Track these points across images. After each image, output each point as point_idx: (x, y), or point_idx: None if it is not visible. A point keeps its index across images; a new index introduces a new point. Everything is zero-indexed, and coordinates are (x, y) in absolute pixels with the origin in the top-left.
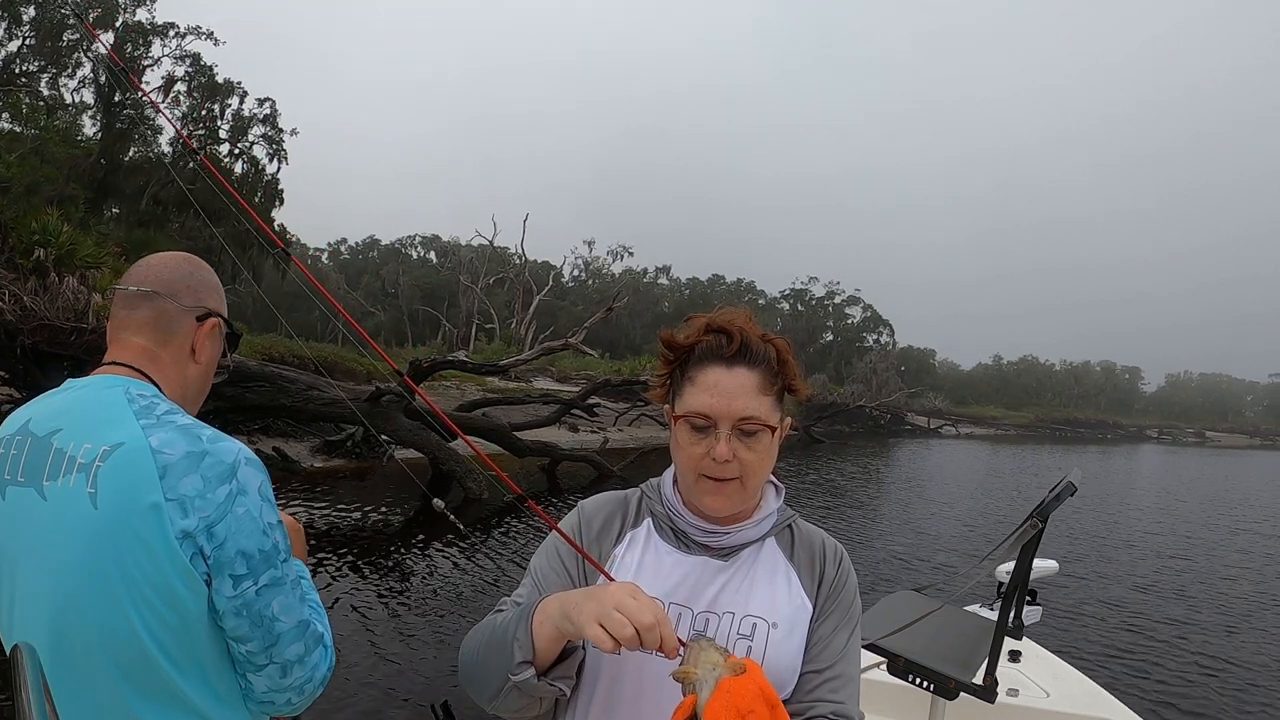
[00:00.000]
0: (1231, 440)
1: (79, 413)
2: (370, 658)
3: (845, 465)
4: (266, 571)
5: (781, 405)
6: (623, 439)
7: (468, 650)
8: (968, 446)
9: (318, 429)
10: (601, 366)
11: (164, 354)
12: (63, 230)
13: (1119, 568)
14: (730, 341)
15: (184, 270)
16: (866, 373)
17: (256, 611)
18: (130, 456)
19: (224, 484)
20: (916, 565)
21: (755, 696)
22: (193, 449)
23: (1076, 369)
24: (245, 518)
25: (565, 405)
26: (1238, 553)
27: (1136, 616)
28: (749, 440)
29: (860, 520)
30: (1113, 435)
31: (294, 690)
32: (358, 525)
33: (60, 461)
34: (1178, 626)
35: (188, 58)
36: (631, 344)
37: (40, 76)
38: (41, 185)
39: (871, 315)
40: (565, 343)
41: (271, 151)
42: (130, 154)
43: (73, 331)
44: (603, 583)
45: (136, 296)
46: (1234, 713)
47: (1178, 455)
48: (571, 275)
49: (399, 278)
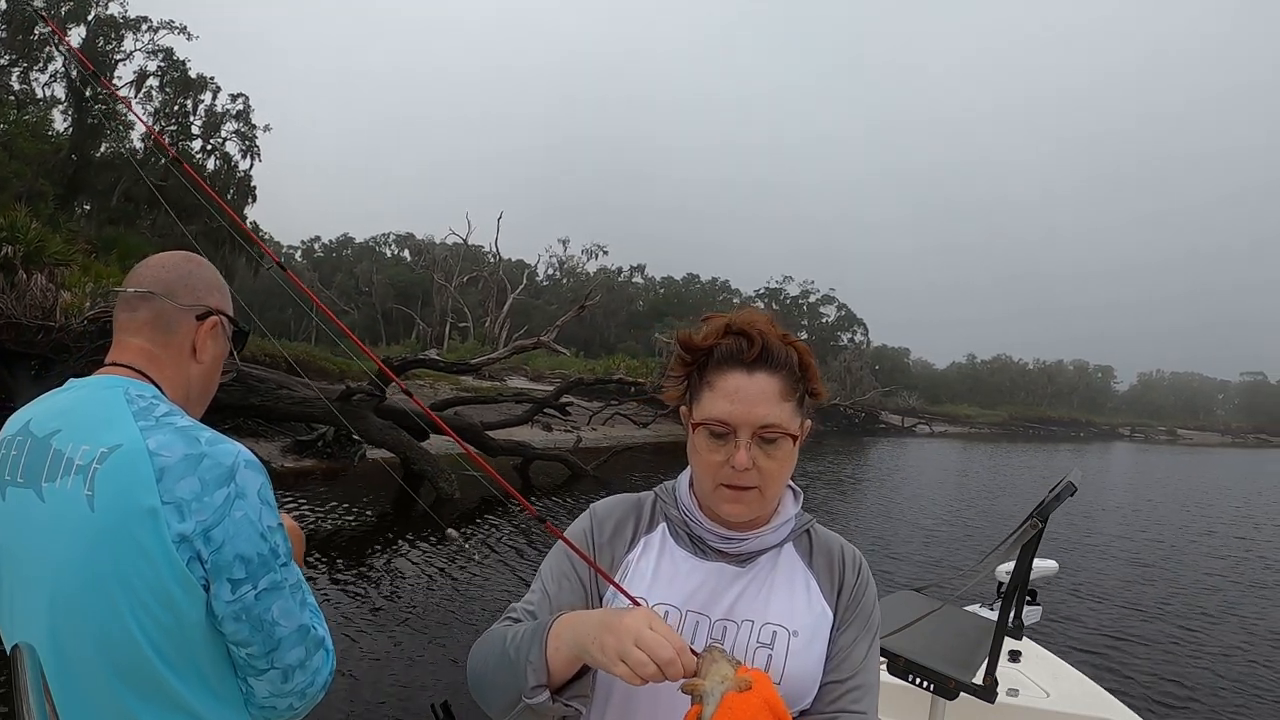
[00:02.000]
0: (1204, 438)
1: (78, 414)
2: (365, 659)
3: (813, 465)
4: (265, 576)
5: (802, 410)
6: (596, 438)
7: (477, 662)
8: (942, 445)
9: (288, 429)
10: (575, 365)
11: (164, 354)
12: (31, 227)
13: (1119, 567)
14: (751, 345)
15: (183, 269)
16: (841, 371)
17: (256, 616)
18: (127, 459)
19: (222, 487)
20: (900, 560)
21: (759, 712)
22: (190, 451)
23: (1050, 368)
24: (243, 521)
25: (538, 404)
26: (1236, 551)
27: (1137, 616)
28: (769, 448)
29: (846, 515)
30: (1085, 433)
31: (295, 695)
32: (336, 526)
33: (59, 463)
34: (1178, 626)
35: (160, 52)
36: (606, 343)
37: (11, 71)
38: (10, 181)
39: (846, 314)
40: (537, 341)
41: (244, 148)
42: (102, 150)
43: (40, 330)
44: (611, 596)
45: (135, 298)
46: (1234, 712)
47: (1152, 453)
48: (546, 274)
49: (373, 276)
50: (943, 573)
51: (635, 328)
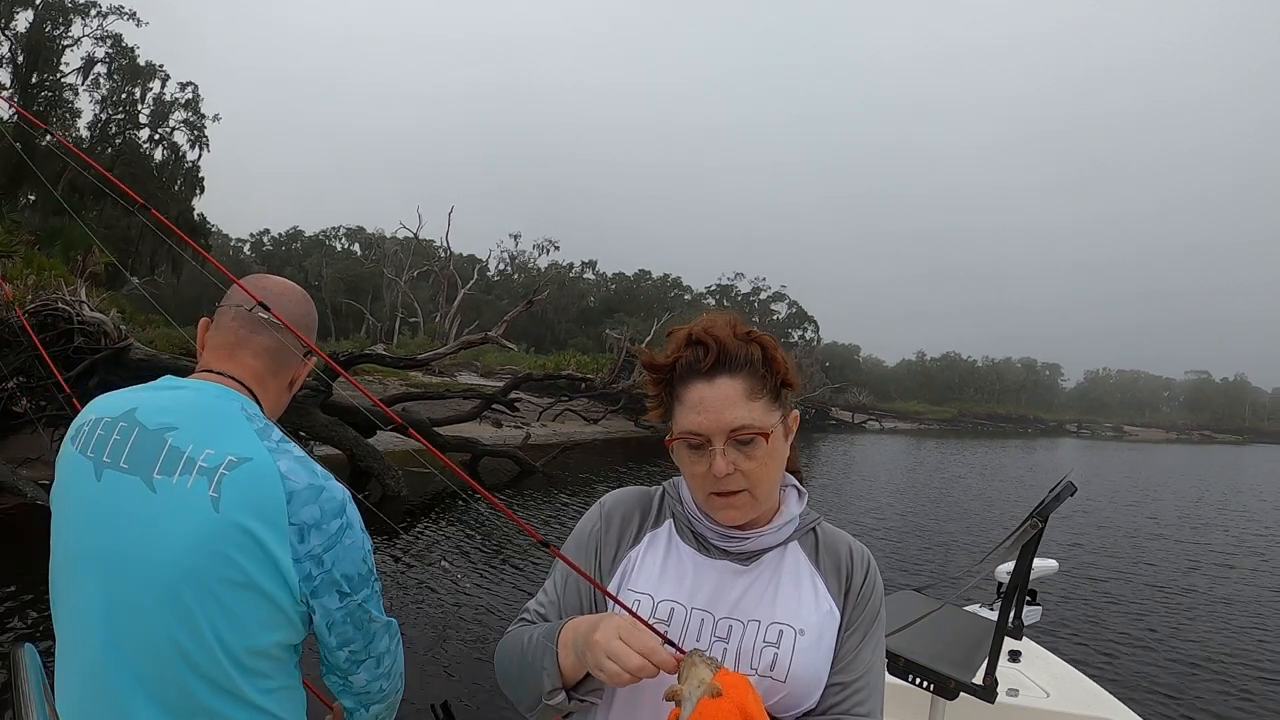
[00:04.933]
0: (1149, 434)
1: (195, 416)
2: None
3: None
4: (365, 589)
5: (779, 403)
6: (546, 434)
7: (502, 664)
8: (893, 441)
9: None
10: (526, 361)
11: (272, 381)
12: None
13: (1119, 566)
14: (706, 353)
15: (305, 309)
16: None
17: (359, 619)
18: (260, 474)
19: (337, 518)
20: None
21: (730, 717)
22: (314, 482)
23: (998, 365)
24: (352, 548)
25: (486, 400)
26: (1236, 552)
27: (1135, 615)
28: (747, 449)
29: None
30: (1033, 429)
31: (384, 676)
32: None
33: (176, 460)
34: (1178, 626)
35: (109, 39)
36: (557, 339)
37: None
38: None
39: (797, 311)
40: (485, 336)
41: (193, 138)
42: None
43: None
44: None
45: (261, 322)
46: (1234, 712)
47: (1101, 449)
48: (497, 269)
49: (322, 270)
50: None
51: (587, 323)
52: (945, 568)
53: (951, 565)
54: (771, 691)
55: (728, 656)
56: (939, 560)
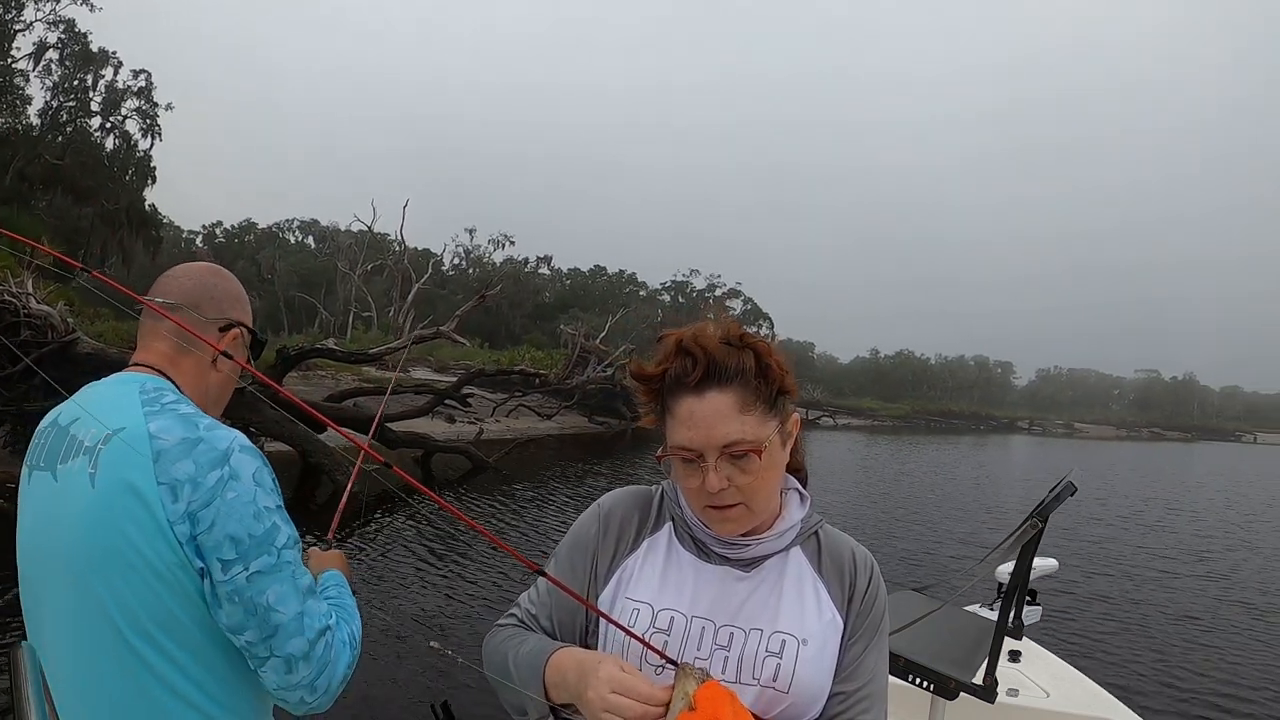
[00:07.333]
0: (1099, 432)
1: (95, 403)
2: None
3: None
4: (259, 558)
5: (776, 412)
6: (500, 430)
7: (490, 667)
8: (846, 437)
9: None
10: (480, 356)
11: (185, 360)
12: None
13: (1119, 565)
14: (694, 365)
15: (208, 282)
16: None
17: (249, 599)
18: (129, 440)
19: (215, 469)
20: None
21: None
22: (188, 435)
23: (951, 363)
24: (235, 503)
25: (439, 395)
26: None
27: (1136, 616)
28: (741, 463)
29: None
30: (985, 426)
31: (304, 688)
32: None
33: (73, 446)
34: (1178, 625)
35: (61, 23)
36: (511, 334)
37: None
38: None
39: (752, 308)
40: (437, 331)
41: (145, 127)
42: None
43: None
44: (608, 599)
45: (162, 308)
46: (1234, 712)
47: (1049, 446)
48: (452, 264)
49: (275, 263)
50: None
51: (541, 319)
52: (945, 568)
53: (949, 563)
54: (775, 702)
55: (729, 665)
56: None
